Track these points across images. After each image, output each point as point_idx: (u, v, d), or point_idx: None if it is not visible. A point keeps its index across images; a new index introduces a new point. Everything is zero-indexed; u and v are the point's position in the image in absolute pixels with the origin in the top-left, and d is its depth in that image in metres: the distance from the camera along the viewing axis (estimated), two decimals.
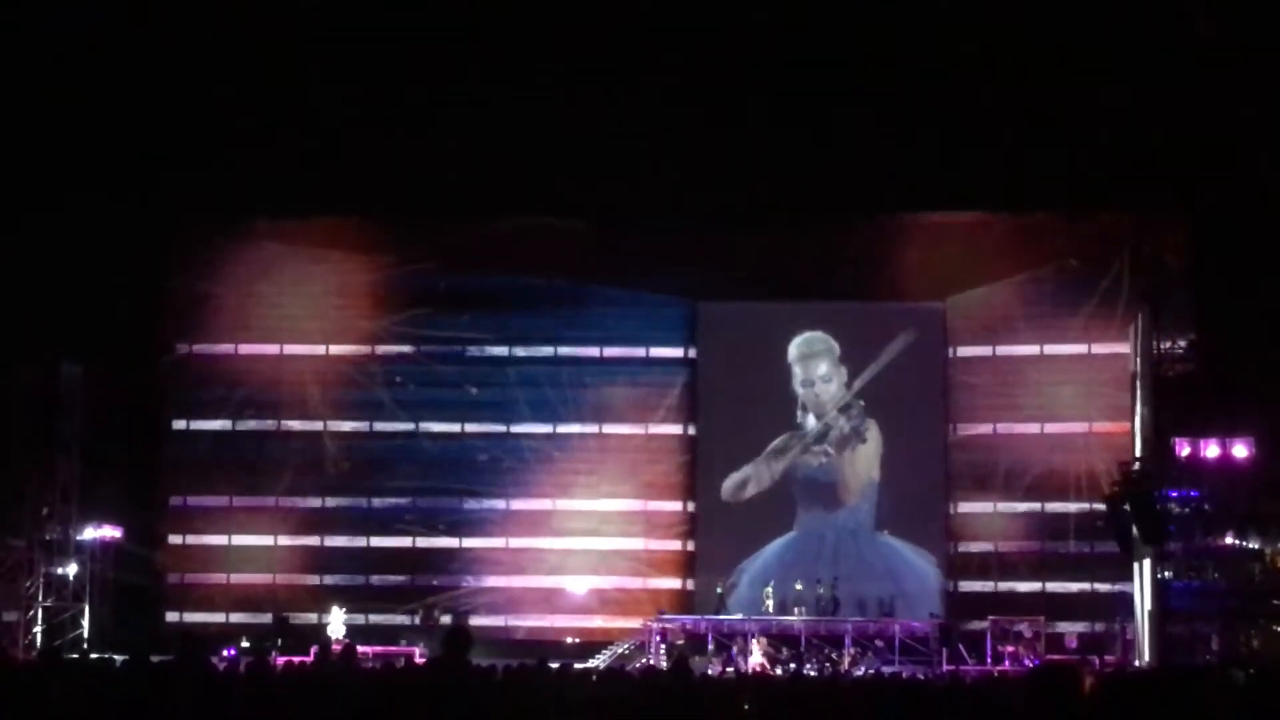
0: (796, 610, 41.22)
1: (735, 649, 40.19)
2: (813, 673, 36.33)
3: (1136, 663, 37.41)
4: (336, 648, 29.69)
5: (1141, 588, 38.25)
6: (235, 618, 43.61)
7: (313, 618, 42.53)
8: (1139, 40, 36.96)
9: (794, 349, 44.27)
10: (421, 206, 43.36)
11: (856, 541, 43.58)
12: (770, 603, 41.53)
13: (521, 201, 42.82)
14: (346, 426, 45.29)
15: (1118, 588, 40.99)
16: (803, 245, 43.82)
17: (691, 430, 44.88)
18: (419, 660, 32.67)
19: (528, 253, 44.59)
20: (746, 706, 18.30)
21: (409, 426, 45.23)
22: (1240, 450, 35.39)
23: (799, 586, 41.69)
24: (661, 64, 39.46)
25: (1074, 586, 42.69)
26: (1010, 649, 39.76)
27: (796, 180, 41.13)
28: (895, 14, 38.57)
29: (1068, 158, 39.35)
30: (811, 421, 44.12)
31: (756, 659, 39.21)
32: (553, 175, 41.37)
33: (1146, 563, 37.14)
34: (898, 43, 39.08)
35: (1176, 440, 35.86)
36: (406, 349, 45.41)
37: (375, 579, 44.59)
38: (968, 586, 43.55)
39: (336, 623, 41.24)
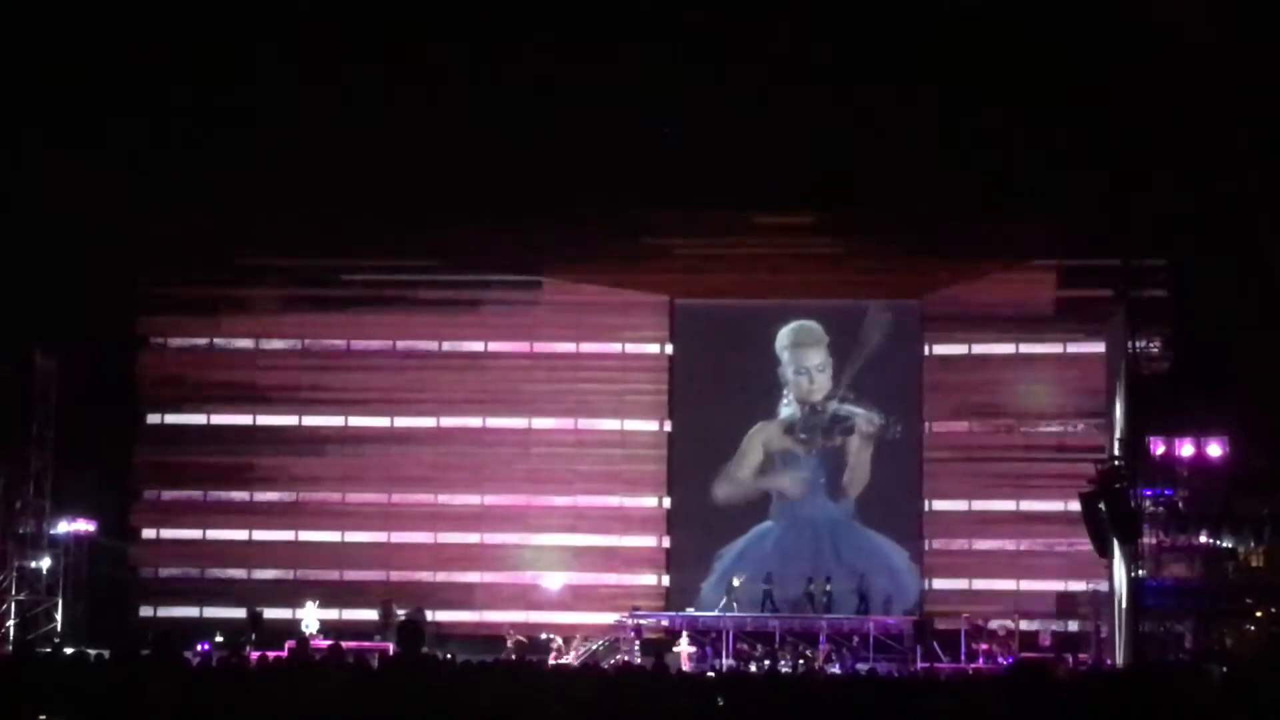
0: (736, 605, 41.30)
1: (711, 646, 40.23)
2: (787, 669, 36.33)
3: (1110, 661, 37.48)
4: (320, 645, 29.58)
5: (1115, 586, 38.33)
6: (209, 612, 43.51)
7: (287, 613, 42.36)
8: (1118, 40, 37.03)
9: (784, 337, 44.33)
10: (399, 202, 43.32)
11: (847, 532, 43.65)
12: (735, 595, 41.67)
13: (502, 197, 42.81)
14: (320, 421, 45.22)
15: (1092, 586, 41.10)
16: (781, 242, 43.93)
17: (668, 427, 44.88)
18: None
19: (505, 248, 44.62)
20: (721, 703, 18.29)
21: (384, 422, 45.20)
22: (1214, 449, 35.47)
23: (736, 582, 41.73)
24: (643, 54, 39.47)
25: (1048, 585, 42.81)
26: (984, 647, 39.75)
27: (775, 176, 41.16)
28: (880, 11, 38.61)
29: (1046, 157, 39.42)
30: (792, 410, 44.16)
31: (685, 649, 39.22)
32: (534, 170, 41.39)
33: (1120, 561, 37.21)
34: (881, 41, 39.12)
35: (1151, 439, 35.92)
36: (382, 344, 45.37)
37: (349, 574, 44.51)
38: (942, 584, 43.63)
39: (310, 618, 41.12)
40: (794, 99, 40.20)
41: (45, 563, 42.58)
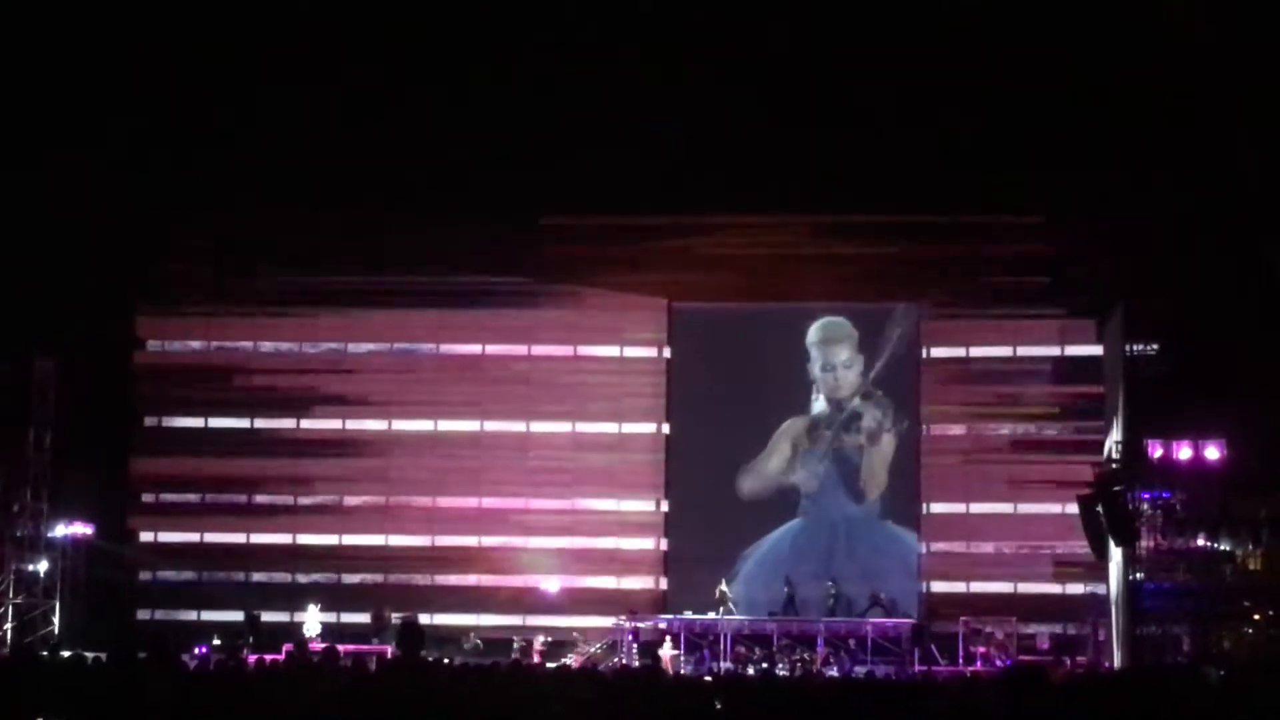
0: (733, 608, 41.28)
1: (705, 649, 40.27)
2: (784, 673, 36.33)
3: (1108, 664, 37.47)
4: (316, 648, 29.56)
5: (1113, 589, 38.33)
6: (207, 615, 43.50)
7: (285, 616, 42.36)
8: (1117, 43, 37.05)
9: (813, 333, 44.36)
10: (398, 203, 43.33)
11: (867, 531, 43.68)
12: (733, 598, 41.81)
13: (496, 198, 42.82)
14: (319, 424, 45.22)
15: (1090, 589, 41.11)
16: (778, 245, 43.98)
17: (665, 429, 44.86)
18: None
19: (501, 250, 44.63)
20: (719, 706, 18.29)
21: (382, 425, 45.19)
22: (1212, 452, 35.47)
23: (726, 587, 41.78)
24: (641, 60, 39.49)
25: (1046, 588, 42.80)
26: (982, 650, 39.77)
27: (772, 179, 41.18)
28: (871, 14, 38.62)
29: (1044, 159, 39.43)
30: (822, 406, 44.16)
31: (668, 653, 39.21)
32: (529, 171, 41.40)
33: (1118, 564, 37.23)
34: (871, 41, 39.13)
35: (1149, 441, 35.92)
36: (379, 347, 45.36)
37: (346, 577, 44.51)
38: (940, 587, 43.61)
39: (312, 621, 41.08)
40: (791, 101, 40.23)
41: (43, 565, 42.56)
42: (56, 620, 42.45)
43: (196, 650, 36.43)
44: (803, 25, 38.94)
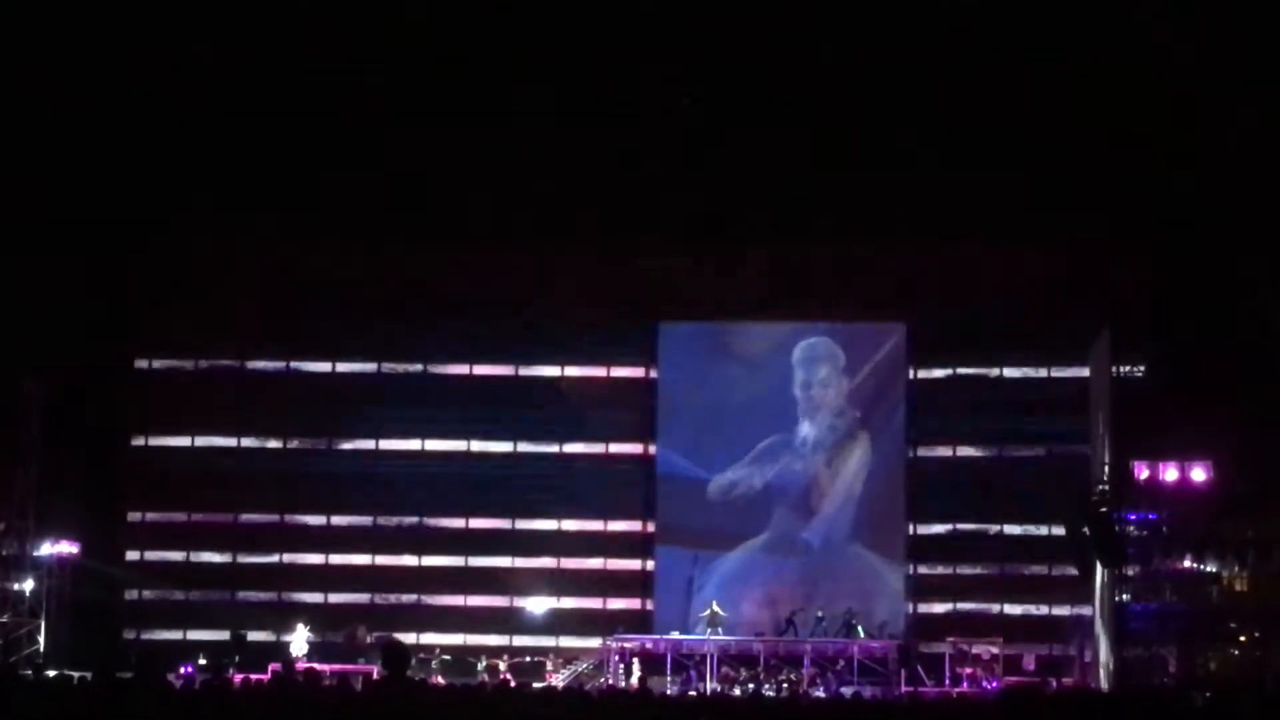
0: (721, 630, 41.26)
1: (694, 670, 40.21)
2: (771, 693, 36.31)
3: (1094, 685, 37.47)
4: (303, 667, 29.49)
5: (1099, 610, 38.35)
6: (193, 634, 43.41)
7: (271, 636, 42.28)
8: (1102, 67, 37.12)
9: (798, 352, 44.46)
10: (387, 224, 43.34)
11: (827, 551, 43.60)
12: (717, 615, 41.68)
13: (484, 220, 42.82)
14: (307, 444, 45.17)
15: (1076, 610, 41.11)
16: (765, 265, 44.02)
17: (652, 449, 44.86)
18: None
19: (490, 271, 44.61)
20: None
21: (369, 445, 45.14)
22: (1198, 474, 35.54)
23: (718, 608, 41.71)
24: (627, 82, 39.54)
25: (1032, 609, 42.80)
26: (968, 671, 39.75)
27: (759, 200, 41.23)
28: (859, 38, 38.67)
29: (1030, 183, 39.48)
30: (805, 427, 44.14)
31: (636, 676, 39.22)
32: (516, 194, 41.43)
33: (1104, 585, 37.24)
34: (862, 65, 39.18)
35: (1135, 463, 35.99)
36: (368, 367, 45.34)
37: (333, 597, 44.44)
38: (926, 608, 43.59)
39: (300, 640, 40.98)
40: (785, 121, 40.26)
41: (29, 584, 42.42)
42: (42, 639, 42.30)
43: (182, 669, 36.33)
44: (803, 45, 38.96)
